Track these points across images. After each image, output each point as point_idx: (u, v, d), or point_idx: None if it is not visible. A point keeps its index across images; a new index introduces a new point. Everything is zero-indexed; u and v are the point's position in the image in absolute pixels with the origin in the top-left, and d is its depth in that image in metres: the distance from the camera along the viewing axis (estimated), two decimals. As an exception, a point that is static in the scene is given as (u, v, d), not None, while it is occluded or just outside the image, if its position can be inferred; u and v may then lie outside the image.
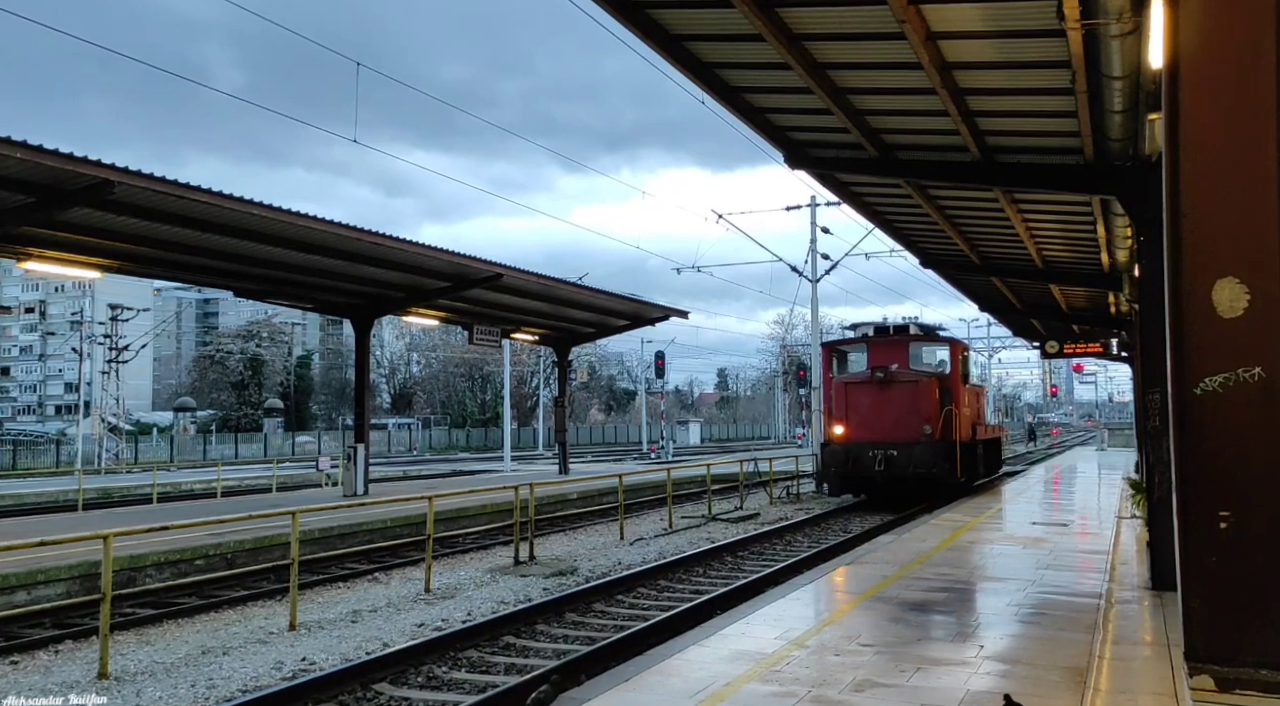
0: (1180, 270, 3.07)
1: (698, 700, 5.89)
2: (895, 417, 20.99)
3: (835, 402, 22.12)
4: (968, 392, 23.50)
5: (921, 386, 21.24)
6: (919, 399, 21.12)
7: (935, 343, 23.58)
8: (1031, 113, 9.49)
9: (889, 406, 21.12)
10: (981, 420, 26.23)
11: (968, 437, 22.68)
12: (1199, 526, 2.99)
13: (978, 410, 25.44)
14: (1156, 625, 8.03)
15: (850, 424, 21.61)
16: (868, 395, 21.51)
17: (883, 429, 20.97)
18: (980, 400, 26.93)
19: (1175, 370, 3.08)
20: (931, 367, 22.93)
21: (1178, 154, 3.16)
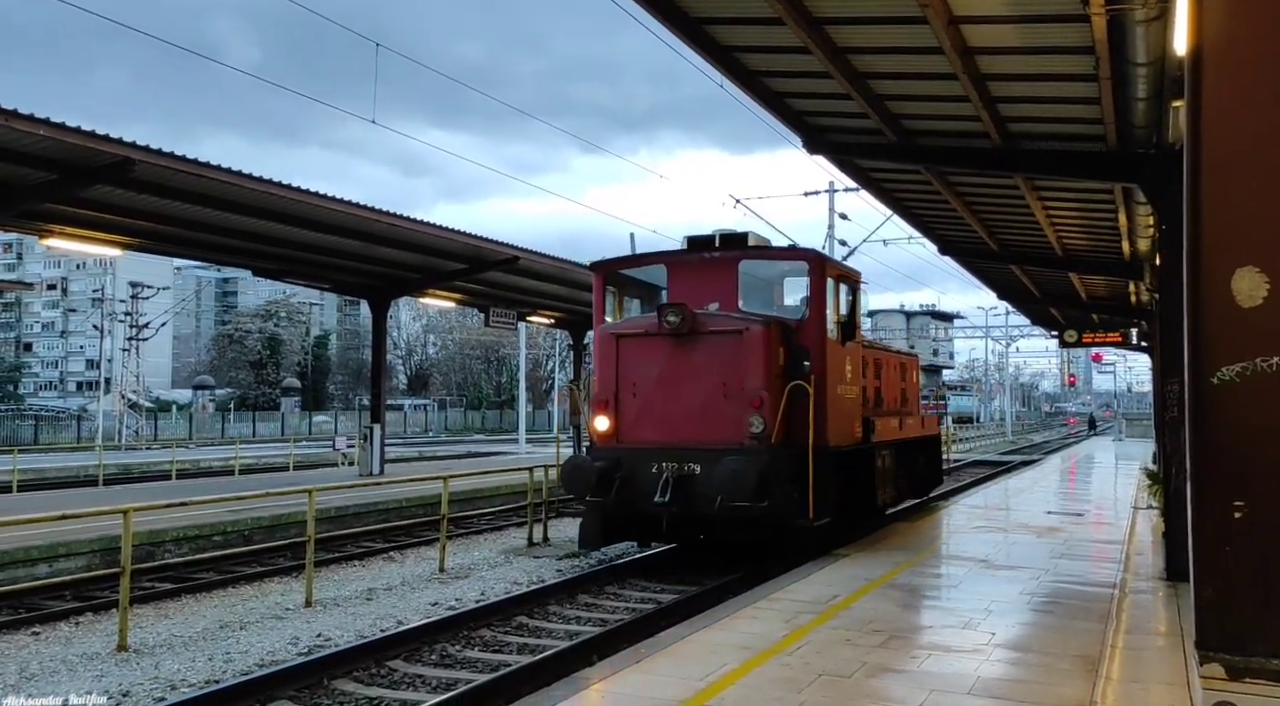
0: (1199, 258, 3.05)
1: (708, 682, 5.93)
2: (697, 402, 11.10)
3: (599, 374, 11.84)
4: (856, 356, 12.74)
5: (748, 342, 10.95)
6: (742, 367, 10.97)
7: (785, 259, 12.90)
8: (1054, 99, 9.39)
9: (690, 381, 11.21)
10: (896, 406, 15.56)
11: (851, 438, 12.21)
12: (1213, 516, 2.98)
13: (882, 389, 14.78)
14: (1171, 615, 8.01)
15: (621, 414, 11.52)
16: (654, 360, 11.38)
17: (675, 424, 11.16)
18: (892, 374, 15.62)
19: (1192, 359, 3.07)
20: (778, 310, 12.80)
21: (1200, 141, 3.13)
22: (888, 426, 13.95)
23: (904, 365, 16.95)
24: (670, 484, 10.68)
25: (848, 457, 12.01)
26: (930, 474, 17.62)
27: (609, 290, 12.97)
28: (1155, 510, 14.33)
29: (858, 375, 12.72)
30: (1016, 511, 16.13)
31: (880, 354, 15.44)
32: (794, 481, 10.67)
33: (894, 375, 15.88)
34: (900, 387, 16.27)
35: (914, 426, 16.08)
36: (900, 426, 14.94)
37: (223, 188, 13.84)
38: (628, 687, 5.82)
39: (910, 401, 17.00)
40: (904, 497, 15.87)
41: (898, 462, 14.61)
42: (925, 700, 5.60)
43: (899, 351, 18.25)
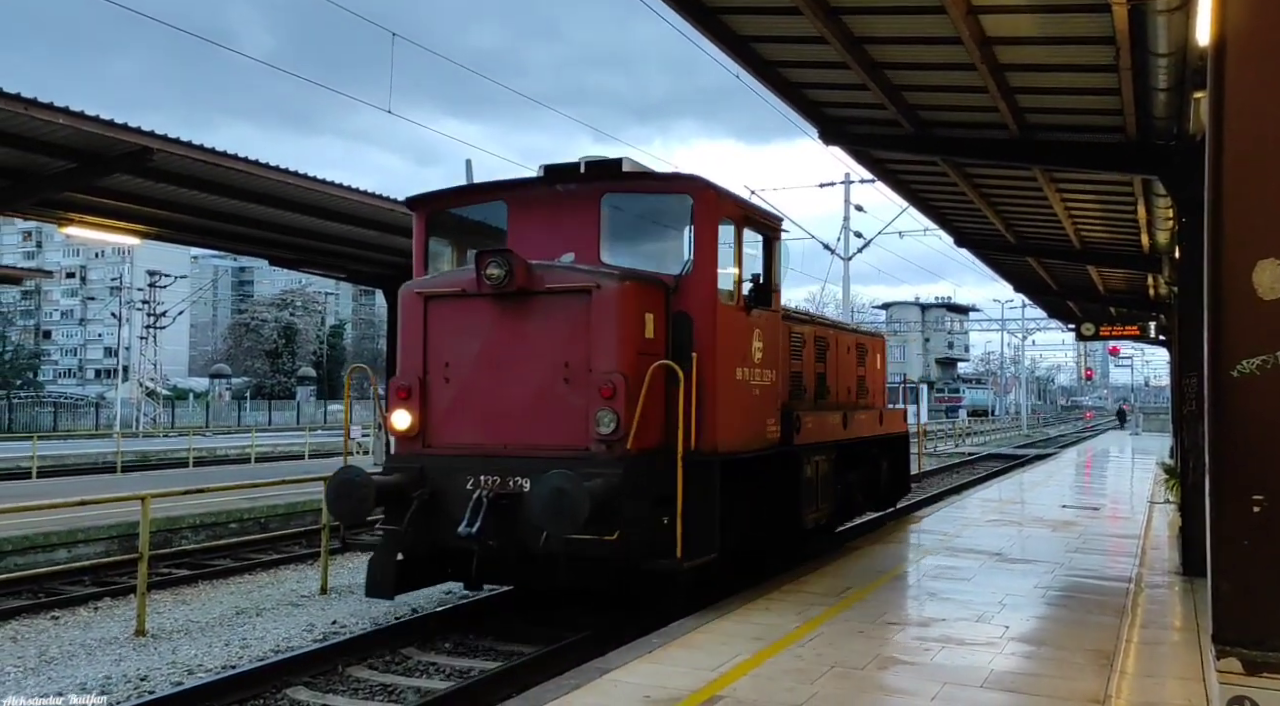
0: (1220, 250, 3.02)
1: (719, 672, 5.95)
2: (530, 391, 8.01)
3: (401, 351, 8.57)
4: (773, 330, 9.48)
5: (599, 306, 7.80)
6: (590, 340, 7.84)
7: (661, 192, 9.05)
8: (1073, 90, 9.31)
9: (522, 361, 8.06)
10: (849, 397, 12.70)
11: (759, 440, 9.07)
12: (1231, 509, 2.96)
13: (828, 376, 11.80)
14: (1186, 610, 7.98)
15: (430, 407, 8.35)
16: (474, 332, 8.23)
17: (501, 421, 8.07)
18: (844, 357, 12.62)
19: (1212, 352, 3.04)
20: (658, 263, 8.76)
21: (1222, 132, 3.09)
22: (824, 424, 10.63)
23: (862, 346, 13.65)
24: (485, 507, 7.39)
25: (753, 467, 8.77)
26: (895, 481, 14.24)
27: (436, 238, 9.31)
28: (1172, 505, 14.25)
29: (775, 355, 9.26)
30: (1031, 505, 16.07)
31: (826, 331, 12.03)
32: (664, 504, 7.49)
33: (847, 359, 12.81)
34: (856, 374, 13.15)
35: (868, 423, 12.55)
36: (847, 423, 11.44)
37: (240, 177, 13.90)
38: (640, 677, 5.84)
39: (872, 392, 13.89)
40: (858, 512, 13.23)
41: (845, 469, 11.57)
42: (938, 693, 5.59)
43: (856, 329, 14.85)
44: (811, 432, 10.11)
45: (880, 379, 14.64)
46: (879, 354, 14.65)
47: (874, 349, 14.36)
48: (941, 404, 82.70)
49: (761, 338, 9.06)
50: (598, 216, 8.56)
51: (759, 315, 9.04)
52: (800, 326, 10.99)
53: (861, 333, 14.55)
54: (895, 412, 14.59)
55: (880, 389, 14.51)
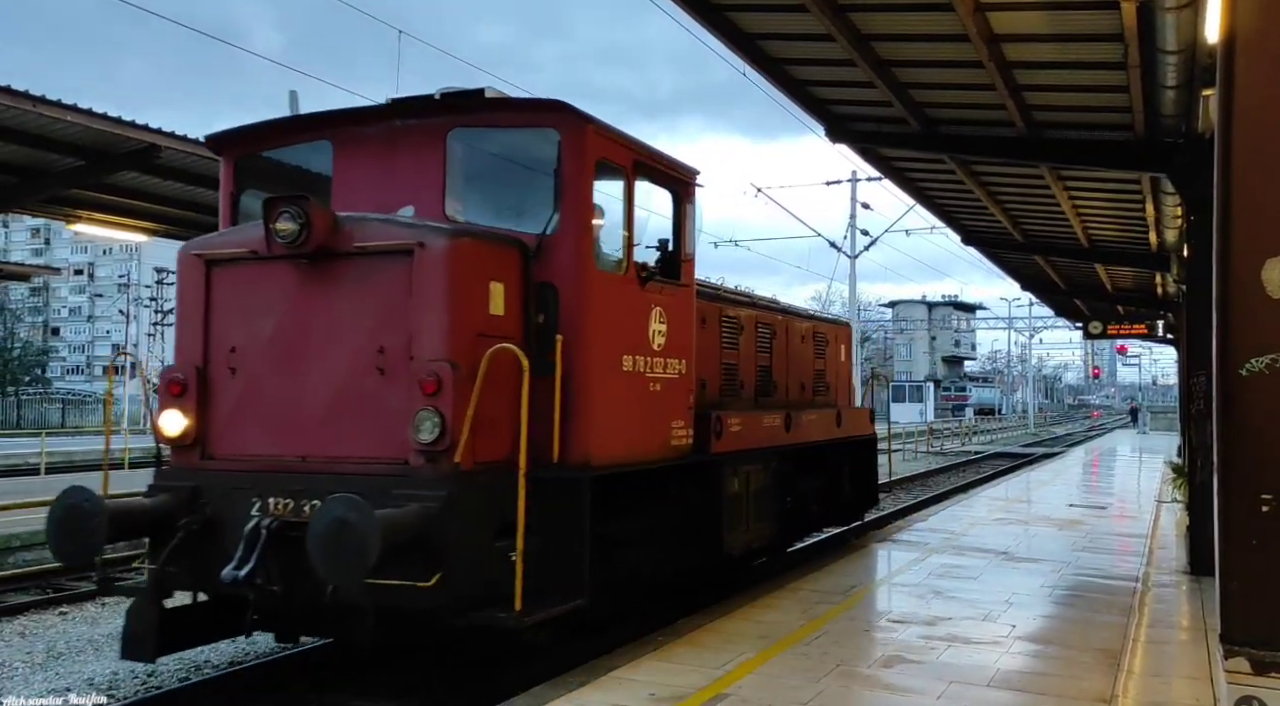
0: (1229, 248, 3.01)
1: (725, 670, 5.95)
2: (334, 385, 5.97)
3: (180, 332, 6.46)
4: (683, 309, 7.62)
5: (422, 272, 5.76)
6: (411, 317, 5.80)
7: (524, 127, 6.80)
8: (1081, 87, 9.29)
9: (327, 345, 6.00)
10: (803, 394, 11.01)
11: (657, 448, 7.20)
12: (1239, 509, 2.95)
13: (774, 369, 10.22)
14: (1194, 609, 7.95)
15: (211, 405, 6.25)
16: (267, 305, 6.16)
17: (298, 424, 6.03)
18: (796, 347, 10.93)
19: (1220, 350, 3.03)
20: (515, 223, 6.64)
21: (1231, 130, 3.08)
22: (757, 426, 8.80)
23: (821, 336, 11.66)
24: (263, 541, 5.54)
25: (651, 482, 7.14)
26: (860, 491, 12.21)
27: (252, 193, 7.13)
28: (1179, 504, 14.21)
29: (685, 341, 7.51)
30: (1038, 504, 16.04)
31: (771, 316, 10.21)
32: (514, 535, 5.54)
33: (801, 349, 10.94)
34: (813, 368, 11.33)
35: (822, 424, 10.61)
36: (791, 425, 9.51)
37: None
38: (645, 675, 5.84)
39: (835, 389, 12.04)
40: (815, 527, 11.61)
41: (794, 480, 9.91)
42: (944, 691, 5.59)
43: (814, 315, 12.70)
44: (739, 437, 8.25)
45: (845, 373, 12.79)
46: (844, 345, 12.72)
47: (836, 339, 12.34)
48: (948, 402, 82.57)
49: (665, 319, 7.16)
50: (443, 158, 6.57)
51: (662, 290, 7.13)
52: (736, 309, 9.30)
53: (820, 319, 12.52)
54: (859, 413, 12.40)
55: (845, 385, 12.72)
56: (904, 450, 35.95)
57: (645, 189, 7.22)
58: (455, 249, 5.83)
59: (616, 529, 6.67)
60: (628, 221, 6.94)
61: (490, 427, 5.73)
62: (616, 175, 6.88)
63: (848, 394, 12.88)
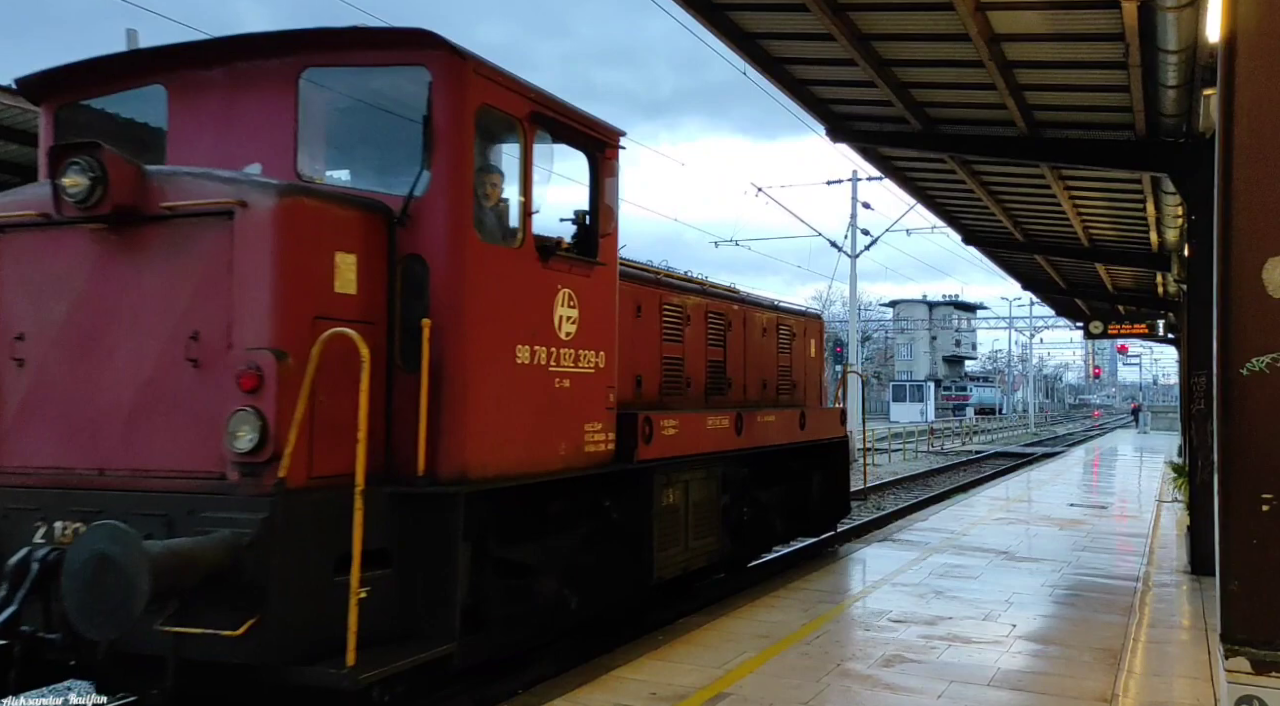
0: (1230, 247, 3.01)
1: (726, 670, 5.94)
2: (138, 379, 4.77)
3: None
4: (603, 292, 6.45)
5: (242, 239, 4.60)
6: (231, 295, 4.62)
7: (385, 60, 5.44)
8: (1082, 87, 9.29)
9: (131, 333, 4.81)
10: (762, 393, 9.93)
11: (568, 455, 6.03)
12: (1240, 508, 2.95)
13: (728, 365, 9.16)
14: (1195, 609, 7.95)
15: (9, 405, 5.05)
16: (60, 282, 4.97)
17: (95, 428, 4.84)
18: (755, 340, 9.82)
19: (1221, 350, 3.03)
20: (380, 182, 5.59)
21: (1232, 129, 3.08)
22: (697, 429, 7.59)
23: (785, 328, 10.49)
24: (35, 575, 4.46)
25: (559, 497, 6.17)
26: (829, 499, 11.07)
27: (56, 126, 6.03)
28: (1180, 503, 14.21)
29: (606, 330, 6.39)
30: (1039, 503, 16.04)
31: (725, 305, 9.08)
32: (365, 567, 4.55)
33: (762, 343, 9.82)
34: (777, 364, 10.23)
35: (782, 426, 9.41)
36: (743, 428, 8.35)
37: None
38: (646, 675, 5.84)
39: (801, 387, 10.88)
40: (778, 541, 10.48)
41: (750, 489, 9.17)
42: (944, 691, 5.59)
43: (777, 305, 10.64)
44: (674, 442, 7.09)
45: (815, 370, 11.54)
46: (813, 339, 11.48)
47: (805, 332, 11.14)
48: (949, 402, 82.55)
49: (577, 303, 5.98)
50: (294, 105, 5.38)
51: (573, 270, 5.95)
52: (682, 296, 8.19)
53: (786, 311, 10.82)
54: (827, 414, 11.08)
55: (815, 383, 11.50)
56: (905, 450, 35.93)
57: (555, 153, 6.18)
58: (287, 210, 4.63)
59: (515, 554, 5.79)
60: (524, 185, 5.67)
61: (332, 434, 4.63)
62: (508, 128, 5.72)
63: (818, 393, 11.66)
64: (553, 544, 6.21)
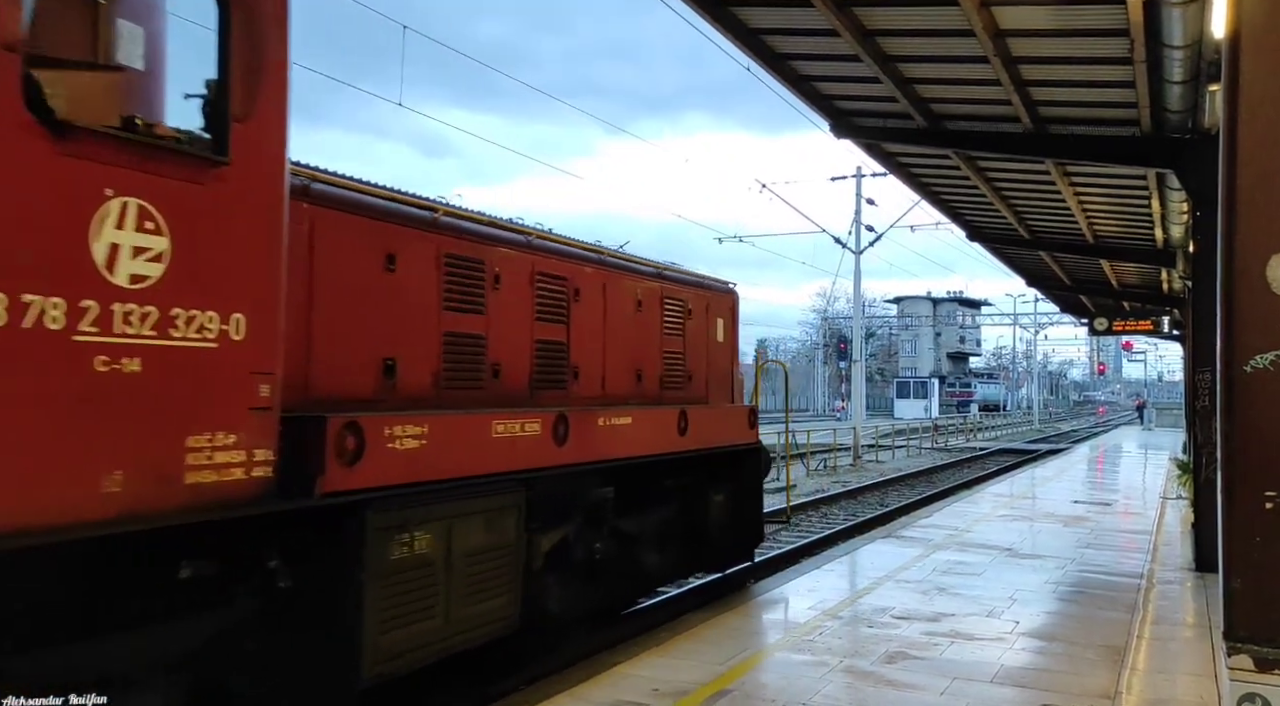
0: (1234, 245, 3.00)
1: (729, 666, 5.95)
2: None
3: None
4: (252, 212, 3.95)
5: None
6: None
7: None
8: (1087, 83, 9.26)
9: None
10: (640, 388, 7.73)
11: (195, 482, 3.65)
12: (1243, 506, 2.95)
13: (571, 347, 6.81)
14: (1199, 606, 7.94)
15: None
16: None
17: None
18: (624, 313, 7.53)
19: (1225, 347, 3.03)
20: None
21: (1236, 125, 3.07)
22: (475, 439, 5.39)
23: (675, 302, 8.25)
24: None
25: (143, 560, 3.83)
26: (736, 524, 8.73)
27: None
28: (1184, 500, 14.18)
29: (251, 277, 4.01)
30: (1043, 500, 16.01)
31: (571, 267, 6.90)
32: None
33: (635, 320, 7.63)
34: (662, 351, 8.03)
35: (651, 432, 7.25)
36: (568, 436, 6.13)
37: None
38: (648, 670, 5.85)
39: (700, 380, 8.57)
40: (665, 579, 8.53)
41: (604, 518, 6.92)
42: (947, 687, 5.58)
43: (664, 272, 8.30)
44: (416, 460, 4.81)
45: (724, 358, 9.10)
46: (721, 318, 9.06)
47: (708, 309, 8.83)
48: (953, 399, 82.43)
49: (169, 229, 3.69)
50: None
51: (154, 167, 3.61)
52: (479, 247, 5.93)
53: (675, 279, 8.43)
54: (727, 414, 8.69)
55: (723, 374, 9.05)
56: (909, 446, 35.91)
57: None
58: None
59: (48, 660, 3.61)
60: None
61: None
62: None
63: (728, 387, 9.15)
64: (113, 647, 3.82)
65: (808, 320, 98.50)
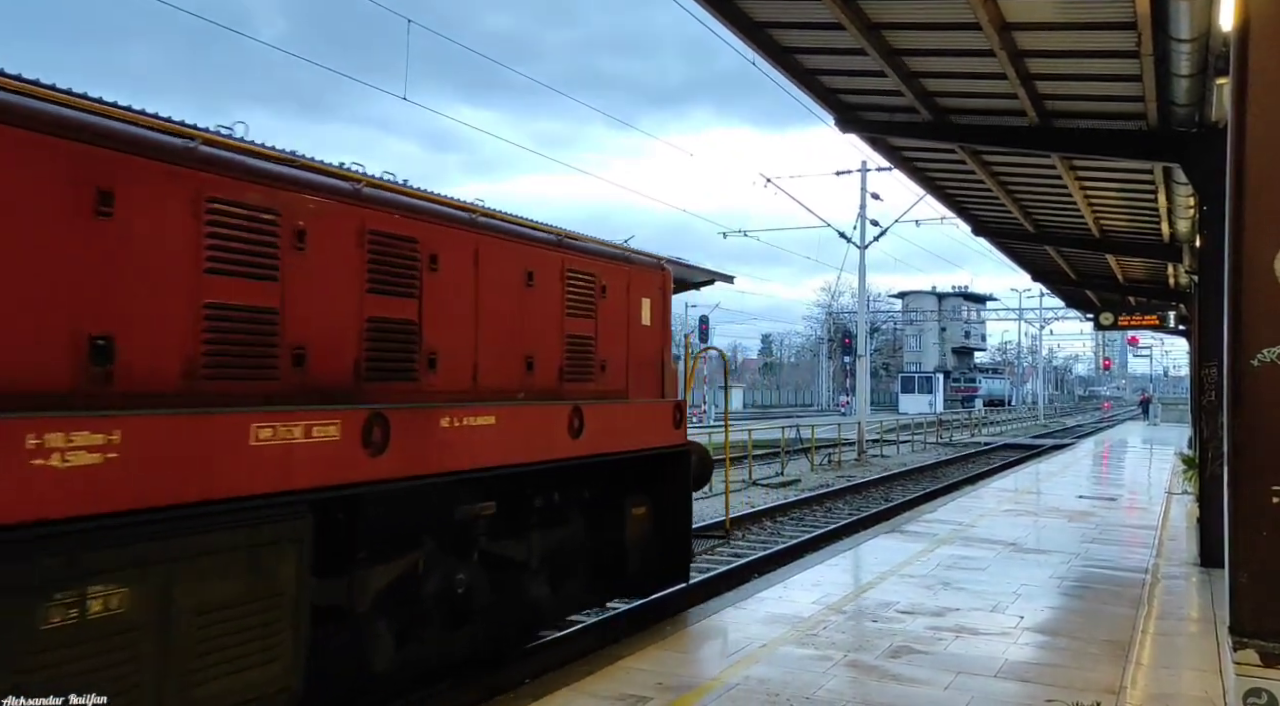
0: (1241, 238, 2.99)
1: (732, 660, 5.95)
2: None
3: None
4: None
5: None
6: None
7: None
8: (1093, 76, 9.21)
9: None
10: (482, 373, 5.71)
11: None
12: (1249, 500, 2.93)
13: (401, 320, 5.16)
14: (1204, 601, 7.93)
15: None
16: None
17: None
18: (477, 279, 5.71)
19: (1232, 341, 3.01)
20: None
21: (1244, 119, 3.05)
22: (191, 451, 3.80)
23: (575, 277, 6.71)
24: None
25: None
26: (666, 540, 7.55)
27: None
28: (1190, 495, 14.15)
29: None
30: (1047, 495, 15.99)
31: (399, 221, 5.24)
32: None
33: (516, 297, 6.12)
34: (563, 335, 6.55)
35: (543, 432, 6.05)
36: (388, 441, 4.73)
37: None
38: (652, 665, 5.85)
39: (618, 371, 7.13)
40: (543, 620, 6.77)
41: (461, 549, 5.70)
42: (951, 682, 5.58)
43: (561, 241, 6.68)
44: (96, 483, 3.45)
45: (649, 346, 7.57)
46: (648, 299, 7.61)
47: (629, 287, 7.35)
48: (958, 394, 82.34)
49: None
50: None
51: None
52: (283, 195, 4.58)
53: (582, 250, 6.85)
54: (643, 411, 7.27)
55: (649, 365, 7.54)
56: (913, 441, 35.88)
57: None
58: None
59: None
60: None
61: None
62: None
63: (656, 379, 7.64)
64: None
65: (812, 315, 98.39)
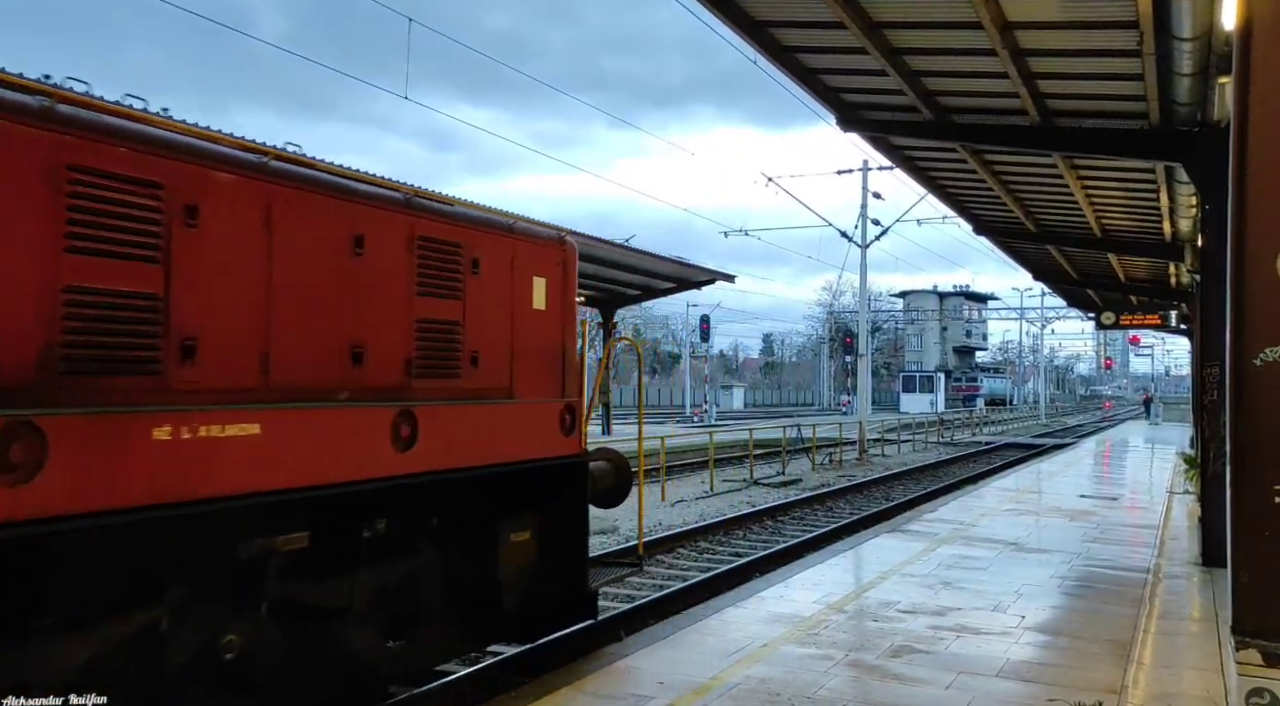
0: (1243, 237, 2.98)
1: (734, 659, 5.95)
2: None
3: None
4: None
5: None
6: None
7: None
8: (1095, 75, 9.20)
9: None
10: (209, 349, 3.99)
11: None
12: (1251, 499, 2.93)
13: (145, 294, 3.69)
14: (1205, 601, 7.92)
15: None
16: None
17: None
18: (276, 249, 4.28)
19: (1234, 340, 3.01)
20: None
21: (1247, 118, 3.04)
22: None
23: (433, 248, 5.24)
24: None
25: None
26: (558, 572, 6.27)
27: None
28: (1191, 495, 14.15)
29: None
30: (1049, 495, 15.98)
31: (153, 163, 3.82)
32: None
33: (338, 270, 4.69)
34: (412, 320, 5.12)
35: (345, 444, 4.53)
36: (127, 459, 3.49)
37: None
38: (654, 664, 5.85)
39: (499, 365, 5.75)
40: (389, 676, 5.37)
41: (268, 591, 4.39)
42: (953, 682, 5.58)
43: (416, 199, 5.26)
44: None
45: (550, 336, 6.26)
46: (543, 279, 6.25)
47: (515, 264, 5.98)
48: (959, 393, 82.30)
49: None
50: None
51: None
52: None
53: (443, 214, 5.49)
54: (517, 415, 5.88)
55: (546, 359, 6.20)
56: (914, 440, 35.87)
57: None
58: None
59: None
60: None
61: None
62: None
63: (554, 375, 6.29)
64: None
65: (813, 314, 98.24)
